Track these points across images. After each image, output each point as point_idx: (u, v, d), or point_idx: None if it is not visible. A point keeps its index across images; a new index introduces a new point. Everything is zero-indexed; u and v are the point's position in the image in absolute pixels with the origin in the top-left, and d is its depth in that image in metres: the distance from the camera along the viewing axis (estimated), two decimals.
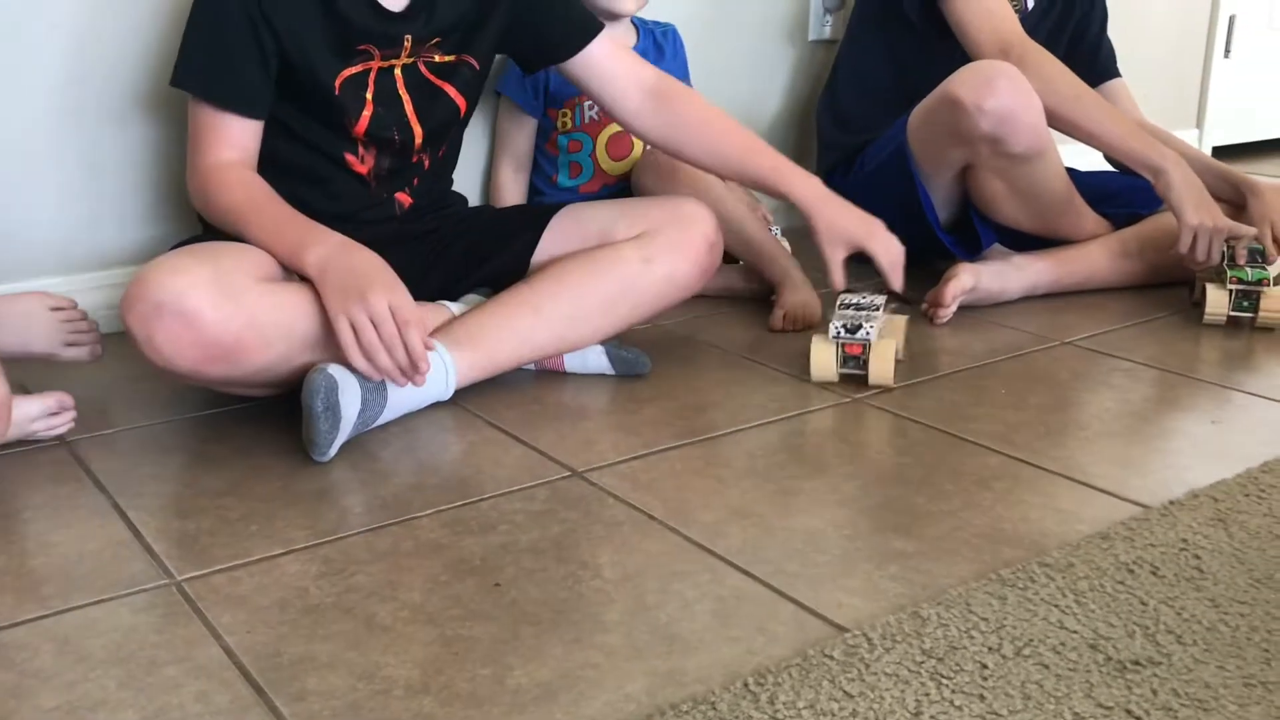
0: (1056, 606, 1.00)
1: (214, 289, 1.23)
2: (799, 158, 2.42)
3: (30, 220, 1.62)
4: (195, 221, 1.71)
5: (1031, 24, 1.90)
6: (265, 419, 1.39)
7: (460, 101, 1.54)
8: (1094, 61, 2.06)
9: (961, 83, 1.74)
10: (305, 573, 1.06)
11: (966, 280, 1.81)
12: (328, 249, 1.30)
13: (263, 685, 0.89)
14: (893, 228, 1.56)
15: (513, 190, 1.96)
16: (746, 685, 0.88)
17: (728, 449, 1.35)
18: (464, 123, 1.60)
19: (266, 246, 1.32)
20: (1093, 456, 1.32)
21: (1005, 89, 1.71)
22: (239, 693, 0.89)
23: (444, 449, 1.33)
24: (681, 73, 2.00)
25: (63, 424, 1.31)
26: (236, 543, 1.11)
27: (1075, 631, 0.96)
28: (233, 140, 1.36)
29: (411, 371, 1.27)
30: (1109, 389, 1.54)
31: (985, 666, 0.91)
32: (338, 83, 1.41)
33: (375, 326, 1.25)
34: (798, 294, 1.78)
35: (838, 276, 1.53)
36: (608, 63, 1.57)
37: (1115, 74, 2.09)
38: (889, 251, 1.53)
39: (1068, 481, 1.26)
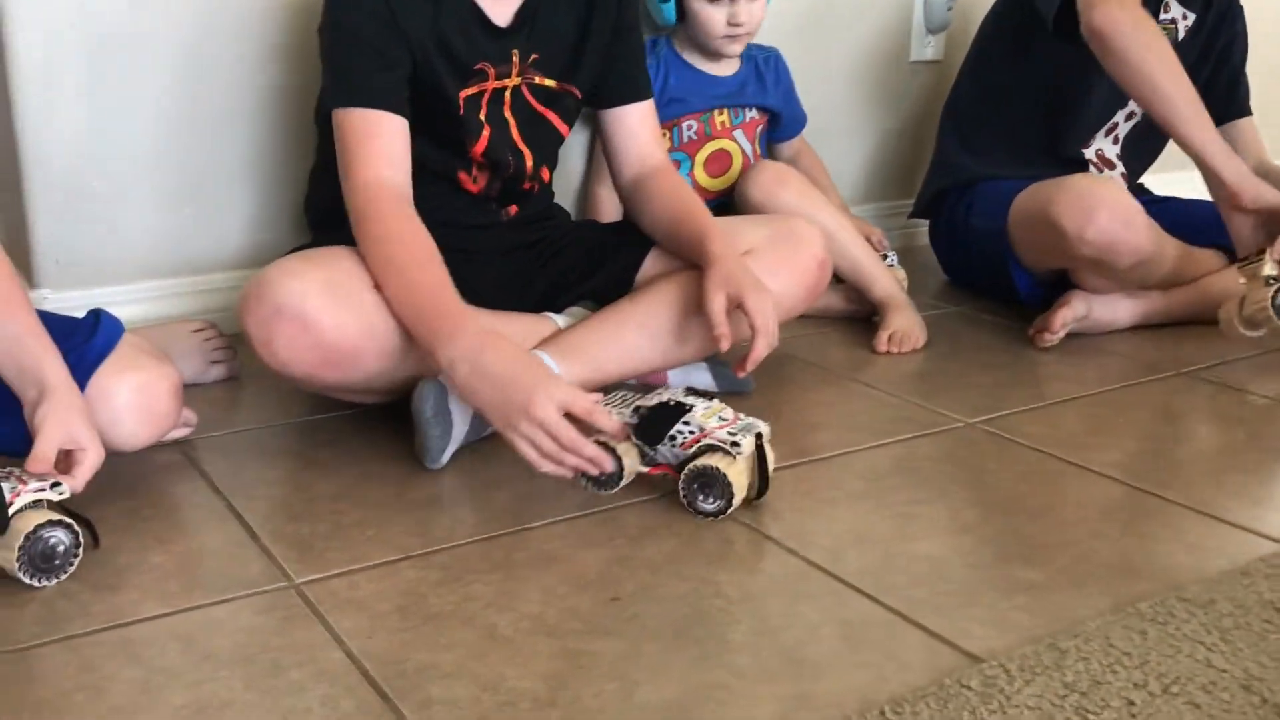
0: (1202, 644, 0.95)
1: (332, 294, 1.23)
2: (900, 179, 2.44)
3: (133, 224, 1.63)
4: (297, 230, 1.73)
5: (1182, 51, 1.83)
6: (375, 425, 1.39)
7: (563, 129, 1.54)
8: (1232, 94, 1.99)
9: (1062, 210, 1.68)
10: (423, 579, 1.05)
11: (1079, 308, 1.76)
12: (462, 348, 1.19)
13: (388, 692, 0.88)
14: (980, 281, 1.47)
15: (610, 208, 1.95)
16: (883, 713, 0.85)
17: (838, 470, 1.32)
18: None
19: (400, 317, 1.26)
20: (1223, 491, 1.27)
21: (1105, 219, 1.65)
22: (364, 699, 0.88)
23: None
24: (786, 99, 1.97)
25: (184, 430, 1.32)
26: (353, 547, 1.10)
27: (1225, 670, 0.92)
28: (384, 147, 1.31)
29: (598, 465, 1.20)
30: (1235, 423, 1.49)
31: (1132, 703, 0.87)
32: (460, 100, 1.41)
33: (552, 434, 1.16)
34: (904, 316, 1.75)
35: (718, 321, 1.33)
36: (635, 129, 1.55)
37: (1248, 111, 2.03)
38: (762, 314, 1.33)
39: (1197, 515, 1.21)
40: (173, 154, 1.64)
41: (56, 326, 1.21)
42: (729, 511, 1.18)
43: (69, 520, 1.02)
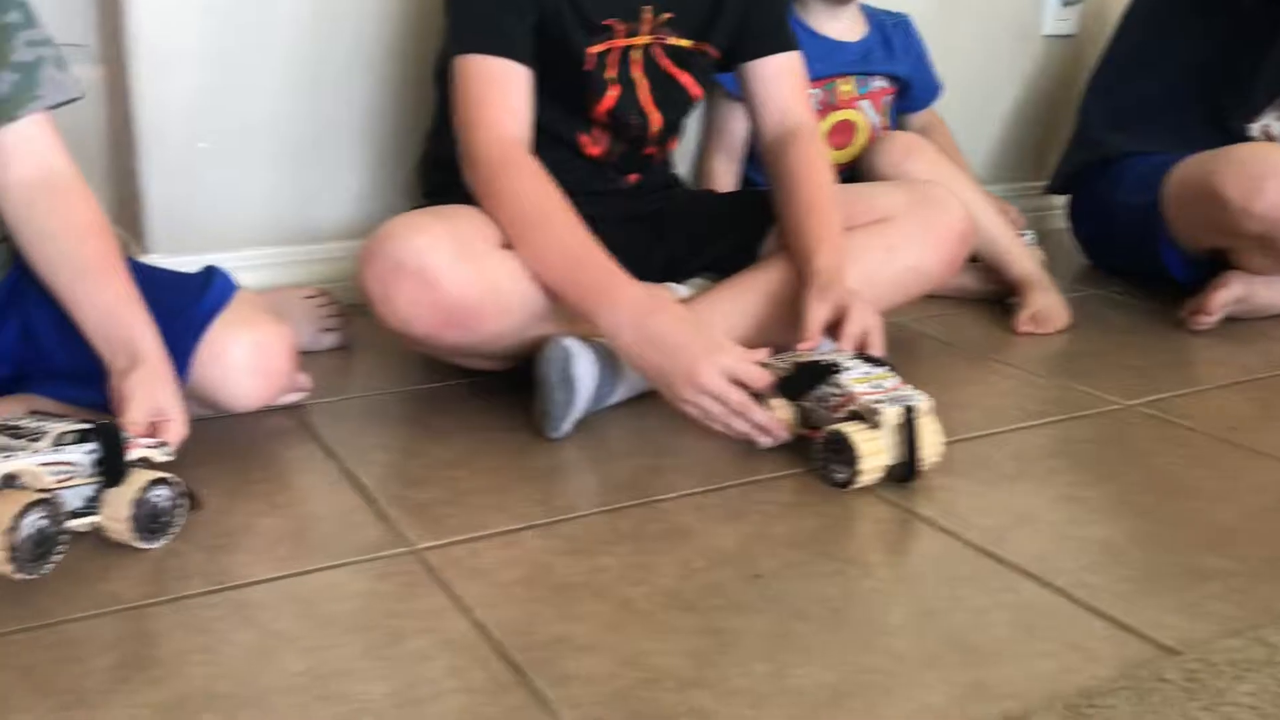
0: None
1: (455, 251, 1.16)
2: (1030, 157, 2.31)
3: (246, 190, 1.60)
4: (407, 200, 1.69)
5: None
6: (489, 393, 1.32)
7: (696, 91, 1.46)
8: None
9: (1227, 180, 1.55)
10: (548, 549, 0.98)
11: (1237, 289, 1.63)
12: (625, 315, 1.15)
13: (520, 664, 0.81)
14: (1124, 261, 1.36)
15: (725, 180, 1.86)
16: (1078, 709, 0.75)
17: (988, 451, 1.21)
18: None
19: (544, 277, 1.20)
20: None
21: (1276, 190, 1.52)
22: (494, 671, 0.80)
23: (677, 433, 1.23)
24: (916, 66, 1.87)
25: (297, 395, 1.27)
26: (472, 515, 1.04)
27: None
28: (510, 99, 1.25)
29: (768, 433, 1.16)
30: None
31: None
32: (588, 56, 1.34)
33: (719, 400, 1.13)
34: (1046, 296, 1.64)
35: (813, 326, 1.22)
36: (774, 83, 1.45)
37: None
38: (861, 326, 1.23)
39: None
40: (289, 119, 1.60)
41: (168, 282, 1.17)
42: (858, 484, 1.08)
43: (174, 478, 0.97)
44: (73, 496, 0.93)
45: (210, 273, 1.15)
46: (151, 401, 1.00)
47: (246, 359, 1.11)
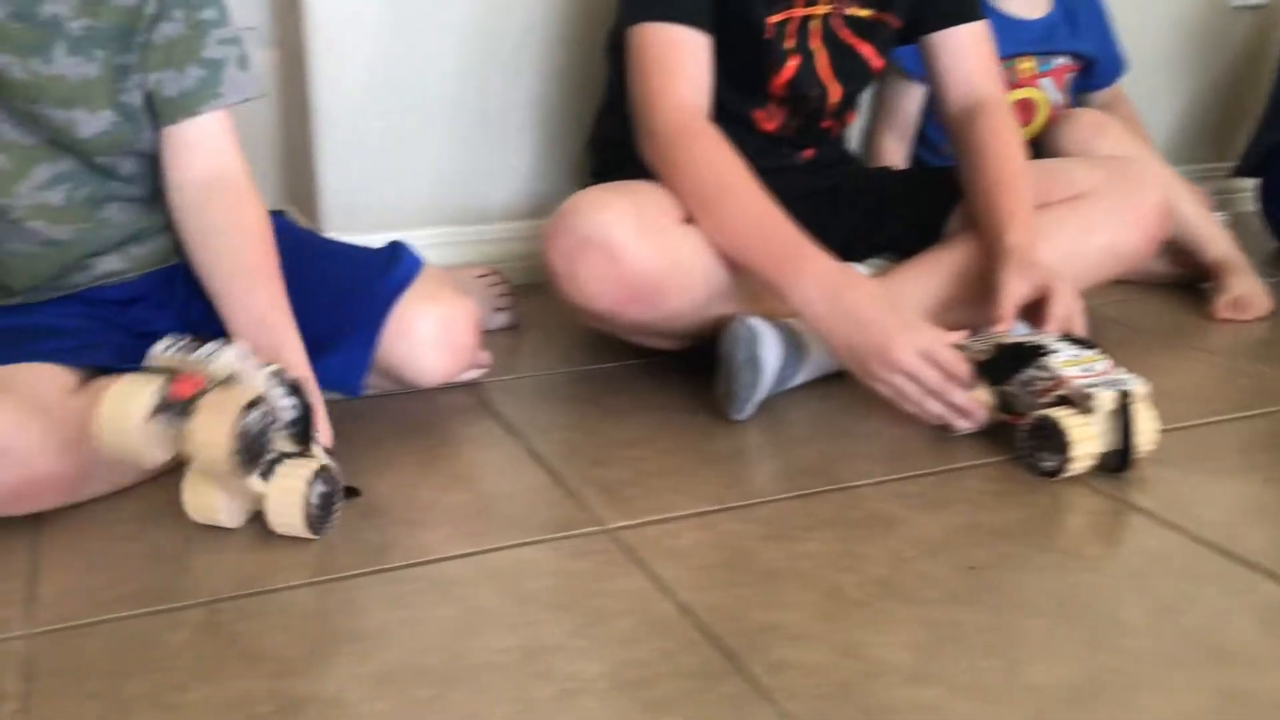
0: None
1: (640, 225, 1.13)
2: (1215, 136, 2.17)
3: (420, 169, 1.60)
4: (575, 182, 1.66)
5: None
6: (663, 374, 1.29)
7: (877, 63, 1.40)
8: None
9: None
10: (747, 533, 0.94)
11: None
12: (816, 288, 1.11)
13: (733, 650, 0.77)
14: None
15: (894, 159, 1.80)
16: None
17: (1205, 441, 1.13)
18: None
19: (732, 250, 1.17)
20: None
21: None
22: (706, 655, 0.77)
23: (861, 417, 1.18)
24: (1101, 42, 1.77)
25: (477, 371, 1.25)
26: (661, 496, 1.00)
27: None
28: (689, 69, 1.22)
29: (966, 417, 1.11)
30: None
31: None
32: (767, 25, 1.29)
33: (914, 379, 1.10)
34: (1246, 280, 1.54)
35: (1009, 303, 1.15)
36: (960, 54, 1.37)
37: None
38: (1066, 309, 1.16)
39: None
40: (462, 100, 1.59)
41: (356, 256, 1.16)
42: (1068, 473, 1.02)
43: (329, 467, 0.94)
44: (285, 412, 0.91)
45: (396, 248, 1.15)
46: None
47: (433, 333, 1.10)
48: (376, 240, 1.24)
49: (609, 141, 1.47)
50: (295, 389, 0.92)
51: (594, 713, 0.71)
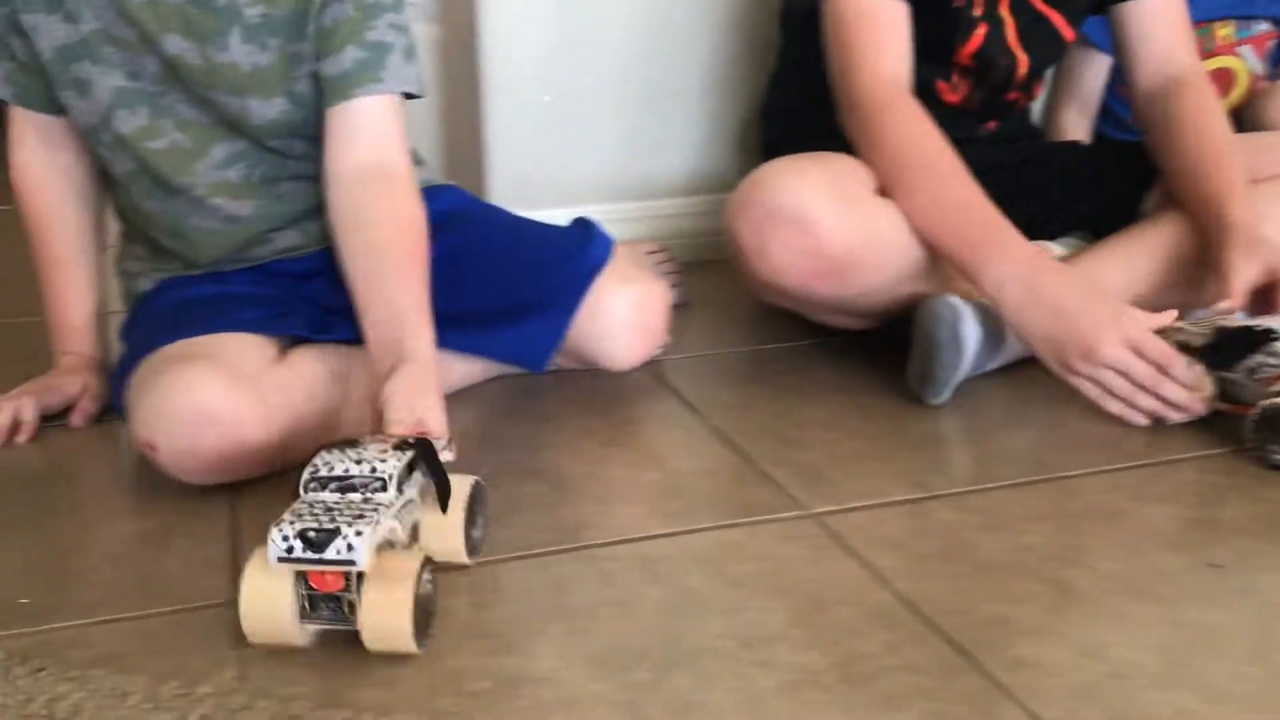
0: None
1: (834, 197, 1.09)
2: None
3: (585, 145, 1.57)
4: (741, 157, 1.62)
5: None
6: (839, 354, 1.24)
7: (1068, 33, 1.32)
8: None
9: None
10: (962, 523, 0.89)
11: None
12: (1011, 272, 1.05)
13: (965, 645, 0.73)
14: None
15: (1077, 133, 1.70)
16: None
17: None
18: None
19: (927, 229, 1.11)
20: None
21: None
22: (937, 650, 0.72)
23: (1062, 403, 1.11)
24: None
25: (656, 350, 1.22)
26: (863, 480, 0.96)
27: None
28: (889, 41, 1.17)
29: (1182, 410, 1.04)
30: None
31: None
32: None
33: (1122, 373, 1.03)
34: None
35: (1239, 284, 1.06)
36: (1152, 26, 1.28)
37: None
38: None
39: None
40: (633, 75, 1.56)
41: (546, 232, 1.14)
42: None
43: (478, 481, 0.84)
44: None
45: (588, 226, 1.12)
46: (410, 409, 0.83)
47: (628, 315, 1.08)
48: (541, 217, 1.22)
49: (783, 112, 1.42)
50: (413, 463, 0.77)
51: (824, 706, 0.67)
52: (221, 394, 0.90)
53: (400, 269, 0.95)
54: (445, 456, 0.81)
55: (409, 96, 1.03)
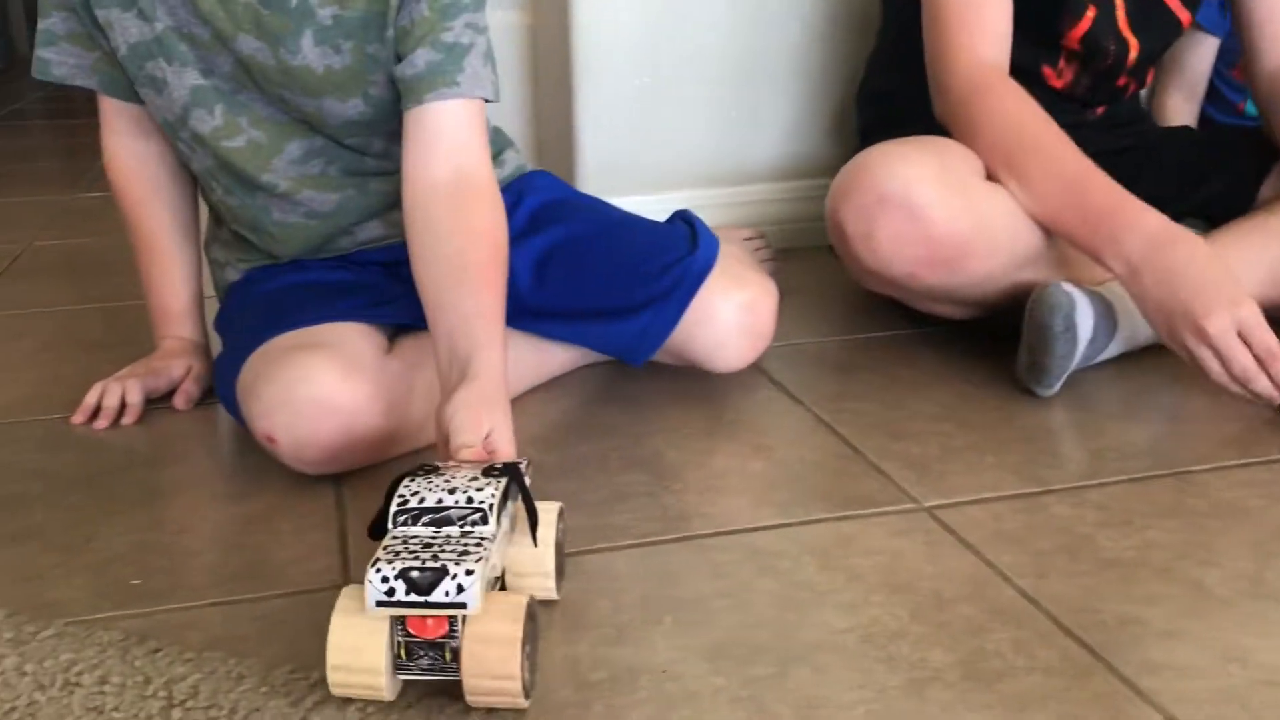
0: None
1: (943, 182, 1.05)
2: None
3: (677, 130, 1.56)
4: (831, 142, 1.60)
5: None
6: (943, 344, 1.21)
7: (1183, 16, 1.28)
8: None
9: None
10: (1081, 518, 0.86)
11: None
12: (1140, 243, 1.02)
13: (1094, 647, 0.70)
14: None
15: (1183, 118, 1.65)
16: None
17: None
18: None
19: (1046, 210, 1.08)
20: None
21: None
22: (1066, 650, 0.70)
23: (1180, 395, 1.08)
24: None
25: None
26: (976, 474, 0.93)
27: None
28: (988, 24, 1.13)
29: None
30: None
31: None
32: None
33: (1221, 355, 0.99)
34: None
35: None
36: (1275, 4, 1.24)
37: None
38: None
39: None
40: (727, 58, 1.55)
41: (653, 228, 1.11)
42: None
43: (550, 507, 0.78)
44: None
45: (694, 225, 1.10)
46: (475, 428, 0.78)
47: (739, 321, 1.06)
48: (632, 202, 1.20)
49: (882, 95, 1.39)
50: (506, 493, 0.71)
51: (950, 705, 0.65)
52: (340, 384, 0.89)
53: (472, 278, 0.90)
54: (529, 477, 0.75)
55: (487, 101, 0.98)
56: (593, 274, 1.04)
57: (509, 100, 1.60)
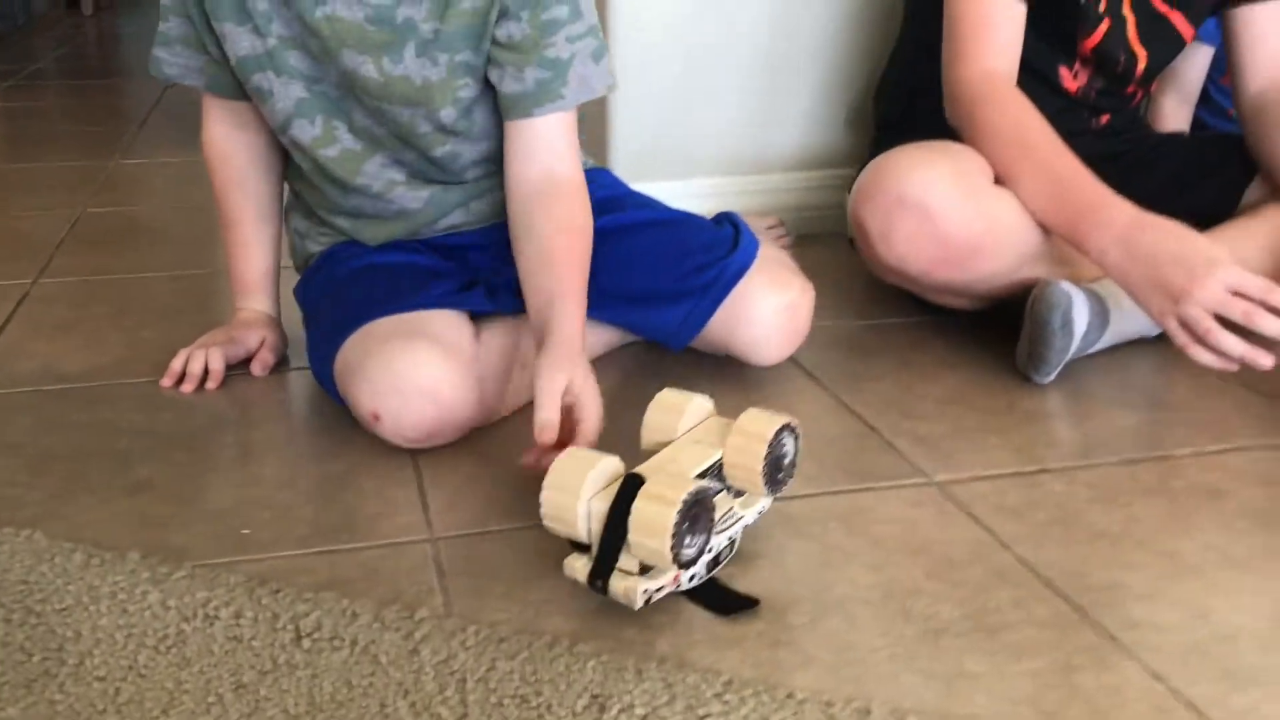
0: None
1: (957, 186, 1.16)
2: None
3: (709, 119, 1.65)
4: (850, 133, 1.69)
5: None
6: (953, 332, 1.32)
7: (1186, 32, 1.38)
8: None
9: None
10: (1074, 495, 0.97)
11: None
12: (1116, 233, 1.11)
13: (1084, 606, 0.82)
14: None
15: (1175, 123, 1.76)
16: None
17: None
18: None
19: (1035, 208, 1.18)
20: None
21: None
22: (1058, 609, 0.81)
23: (1166, 385, 1.20)
24: None
25: None
26: (982, 452, 1.05)
27: None
28: (999, 39, 1.24)
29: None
30: None
31: None
32: None
33: (1217, 312, 1.06)
34: None
35: None
36: (1265, 32, 1.33)
37: None
38: None
39: None
40: (756, 48, 1.63)
41: (700, 224, 1.20)
42: None
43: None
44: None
45: (737, 226, 1.19)
46: (551, 391, 0.93)
47: (777, 322, 1.15)
48: (660, 189, 1.27)
49: (902, 90, 1.48)
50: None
51: (960, 652, 0.77)
52: (444, 374, 1.00)
53: (557, 262, 1.04)
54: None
55: (596, 96, 1.09)
56: (640, 262, 1.15)
57: None
